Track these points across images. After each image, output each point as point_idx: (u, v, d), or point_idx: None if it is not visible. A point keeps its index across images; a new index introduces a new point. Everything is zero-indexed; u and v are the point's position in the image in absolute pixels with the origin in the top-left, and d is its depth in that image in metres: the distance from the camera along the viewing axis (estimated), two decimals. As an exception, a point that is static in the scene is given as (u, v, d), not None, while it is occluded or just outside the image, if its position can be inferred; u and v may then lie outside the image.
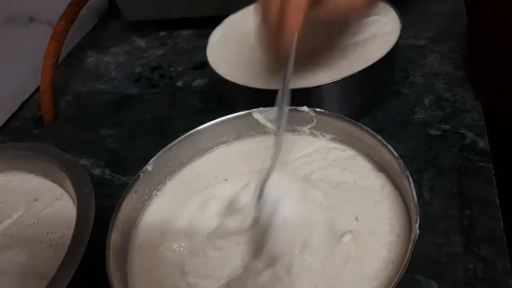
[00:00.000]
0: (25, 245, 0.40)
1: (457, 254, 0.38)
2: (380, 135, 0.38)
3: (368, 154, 0.40)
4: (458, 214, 0.41)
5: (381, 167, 0.39)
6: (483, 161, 0.45)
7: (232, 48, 0.56)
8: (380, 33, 0.52)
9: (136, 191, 0.39)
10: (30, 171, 0.47)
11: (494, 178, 0.43)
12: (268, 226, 0.36)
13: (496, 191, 0.42)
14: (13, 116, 0.67)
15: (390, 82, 0.56)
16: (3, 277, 0.38)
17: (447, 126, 0.49)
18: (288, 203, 0.37)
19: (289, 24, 0.36)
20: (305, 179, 0.40)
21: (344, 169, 0.40)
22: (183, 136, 0.42)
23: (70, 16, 0.66)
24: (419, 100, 0.53)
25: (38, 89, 0.67)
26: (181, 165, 0.43)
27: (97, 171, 0.54)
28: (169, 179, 0.42)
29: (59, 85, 0.67)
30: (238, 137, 0.45)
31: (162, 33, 0.78)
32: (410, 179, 0.34)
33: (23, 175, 0.47)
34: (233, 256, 0.35)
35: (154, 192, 0.41)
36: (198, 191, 0.41)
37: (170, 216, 0.39)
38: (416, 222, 0.31)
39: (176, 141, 0.42)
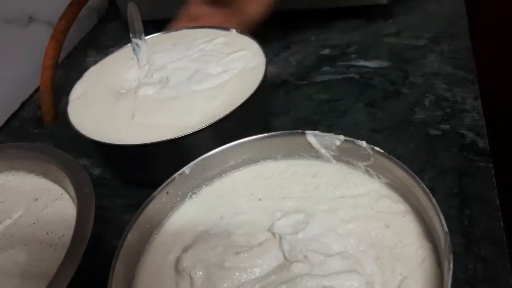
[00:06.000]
0: (25, 245, 0.40)
1: (457, 254, 0.38)
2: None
3: (420, 214, 0.35)
4: (458, 214, 0.41)
5: (430, 234, 0.33)
6: (483, 161, 0.45)
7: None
8: (247, 68, 0.52)
9: (167, 192, 0.38)
10: (30, 171, 0.47)
11: (494, 178, 0.43)
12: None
13: (496, 191, 0.42)
14: (13, 116, 0.67)
15: (268, 113, 0.56)
16: (3, 277, 0.38)
17: (447, 126, 0.49)
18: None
19: None
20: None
21: (388, 226, 0.35)
22: (230, 144, 0.40)
23: (70, 16, 0.66)
24: (419, 100, 0.53)
25: (38, 89, 0.67)
26: (222, 172, 0.42)
27: (97, 171, 0.54)
28: (206, 184, 0.41)
29: (59, 85, 0.67)
30: (287, 155, 0.42)
31: (162, 33, 0.78)
32: (451, 264, 0.28)
33: (23, 175, 0.47)
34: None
35: (189, 195, 0.40)
36: (228, 203, 0.39)
37: (192, 223, 0.38)
38: None
39: (221, 148, 0.40)
